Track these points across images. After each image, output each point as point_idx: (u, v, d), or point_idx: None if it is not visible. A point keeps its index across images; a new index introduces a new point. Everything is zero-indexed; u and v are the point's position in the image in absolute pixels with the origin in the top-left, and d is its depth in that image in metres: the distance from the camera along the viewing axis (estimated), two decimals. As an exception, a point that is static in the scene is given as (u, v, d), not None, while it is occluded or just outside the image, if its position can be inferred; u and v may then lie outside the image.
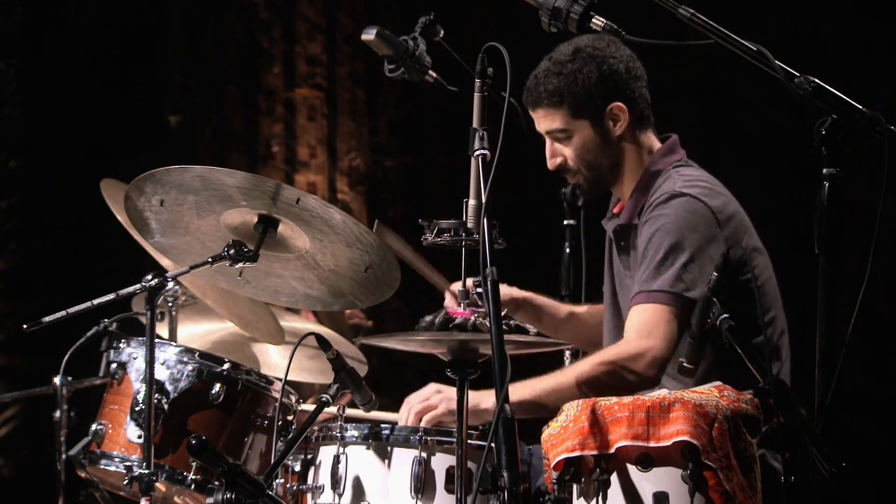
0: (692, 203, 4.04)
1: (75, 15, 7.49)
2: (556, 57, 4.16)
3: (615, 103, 4.16)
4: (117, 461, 4.18)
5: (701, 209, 4.03)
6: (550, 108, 4.16)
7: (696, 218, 4.01)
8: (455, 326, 3.47)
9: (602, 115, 4.16)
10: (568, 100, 4.14)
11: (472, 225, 3.47)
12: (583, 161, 4.20)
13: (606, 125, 4.17)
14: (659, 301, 3.96)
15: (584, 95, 4.14)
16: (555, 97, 4.14)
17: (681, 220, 4.01)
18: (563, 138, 4.19)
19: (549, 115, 4.17)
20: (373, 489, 3.77)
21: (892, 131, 3.08)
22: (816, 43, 6.46)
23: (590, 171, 4.21)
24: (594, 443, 3.36)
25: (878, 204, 3.13)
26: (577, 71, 4.13)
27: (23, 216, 7.43)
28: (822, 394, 3.12)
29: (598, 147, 4.18)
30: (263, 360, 5.01)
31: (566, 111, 4.15)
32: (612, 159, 4.20)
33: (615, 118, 4.17)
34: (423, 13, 3.62)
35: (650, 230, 4.04)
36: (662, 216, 4.03)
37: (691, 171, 4.18)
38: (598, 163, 4.19)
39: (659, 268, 3.98)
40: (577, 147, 4.18)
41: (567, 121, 4.17)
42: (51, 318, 4.02)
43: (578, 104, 4.14)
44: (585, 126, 4.17)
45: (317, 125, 7.87)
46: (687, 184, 4.10)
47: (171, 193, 3.99)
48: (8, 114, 7.40)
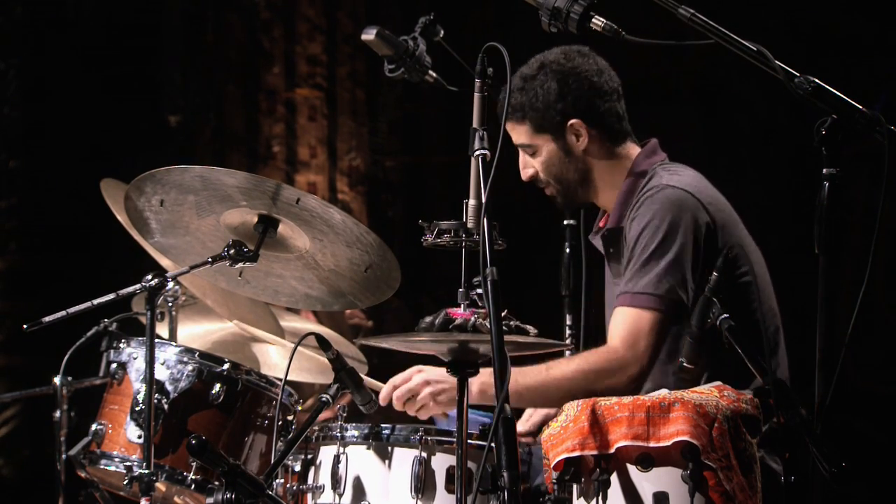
0: (679, 194, 4.04)
1: (75, 15, 7.49)
2: (524, 71, 4.19)
3: (574, 120, 4.16)
4: (117, 461, 4.18)
5: (689, 200, 4.03)
6: (515, 123, 4.19)
7: (683, 210, 4.01)
8: (455, 327, 3.46)
9: (563, 131, 4.18)
10: (529, 115, 4.16)
11: (472, 225, 3.47)
12: (549, 174, 4.22)
13: (569, 140, 4.19)
14: (643, 305, 3.97)
15: (542, 110, 4.15)
16: (518, 112, 4.17)
17: (668, 214, 4.00)
18: (530, 152, 4.22)
19: (514, 130, 4.20)
20: (373, 489, 3.77)
21: (892, 131, 3.07)
22: (816, 43, 6.46)
23: (558, 184, 4.24)
24: (594, 443, 3.36)
25: (878, 204, 3.13)
26: (538, 87, 4.15)
27: (23, 216, 7.43)
28: (822, 394, 3.11)
29: (562, 161, 4.20)
30: (263, 360, 5.01)
31: (528, 126, 4.18)
32: (580, 174, 4.21)
33: (577, 134, 4.18)
34: (423, 13, 3.62)
35: (638, 226, 4.04)
36: (650, 210, 4.03)
37: (677, 167, 4.19)
38: (564, 177, 4.22)
39: (644, 266, 3.98)
40: (542, 161, 4.21)
41: (530, 136, 4.19)
42: (51, 318, 4.02)
43: (539, 120, 4.16)
44: (548, 140, 4.19)
45: (317, 125, 7.87)
46: (673, 177, 4.10)
47: (171, 193, 3.99)
48: (8, 114, 7.41)
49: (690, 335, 3.41)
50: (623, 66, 4.32)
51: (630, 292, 4.00)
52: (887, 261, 5.95)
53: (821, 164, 3.12)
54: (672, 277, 3.95)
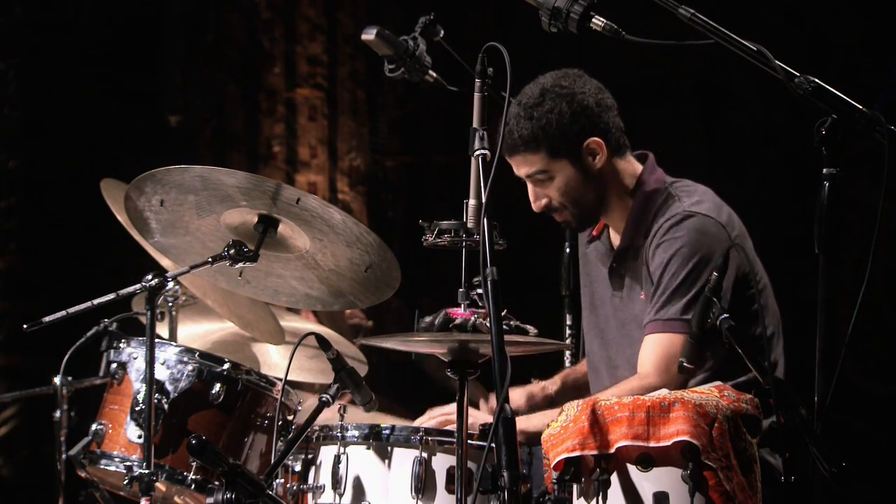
0: (705, 222, 4.06)
1: (75, 15, 7.48)
2: (525, 101, 4.13)
3: (591, 139, 4.15)
4: (117, 461, 4.18)
5: (713, 226, 4.05)
6: (528, 153, 4.14)
7: (710, 238, 4.03)
8: (455, 327, 3.46)
9: (580, 152, 4.15)
10: (544, 142, 4.11)
11: (473, 225, 3.47)
12: (568, 199, 4.19)
13: (586, 161, 4.16)
14: (674, 330, 3.98)
15: (559, 135, 4.11)
16: (531, 142, 4.11)
17: (696, 243, 4.02)
18: (545, 179, 4.17)
19: (527, 160, 4.15)
20: (373, 489, 3.77)
21: (892, 131, 3.08)
22: (816, 43, 6.46)
23: (576, 207, 4.21)
24: (594, 443, 3.36)
25: (878, 204, 3.13)
26: (548, 112, 4.10)
27: (23, 216, 7.42)
28: (822, 394, 3.12)
29: (580, 184, 4.17)
30: (263, 360, 5.01)
31: (544, 153, 4.13)
32: (597, 193, 4.20)
33: (593, 153, 4.16)
34: (423, 13, 3.62)
35: (665, 255, 4.05)
36: (677, 239, 4.05)
37: (690, 188, 4.19)
38: (583, 199, 4.19)
39: (674, 294, 3.99)
40: (559, 186, 4.17)
41: (546, 162, 4.15)
42: (51, 318, 4.02)
43: (555, 144, 4.12)
44: (565, 165, 4.15)
45: (317, 125, 7.87)
46: (694, 202, 4.11)
47: (171, 193, 3.99)
48: (8, 114, 7.40)
49: (691, 335, 3.42)
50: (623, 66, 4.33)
51: (660, 319, 4.02)
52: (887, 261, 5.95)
53: (821, 164, 3.12)
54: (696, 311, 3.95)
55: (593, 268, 4.36)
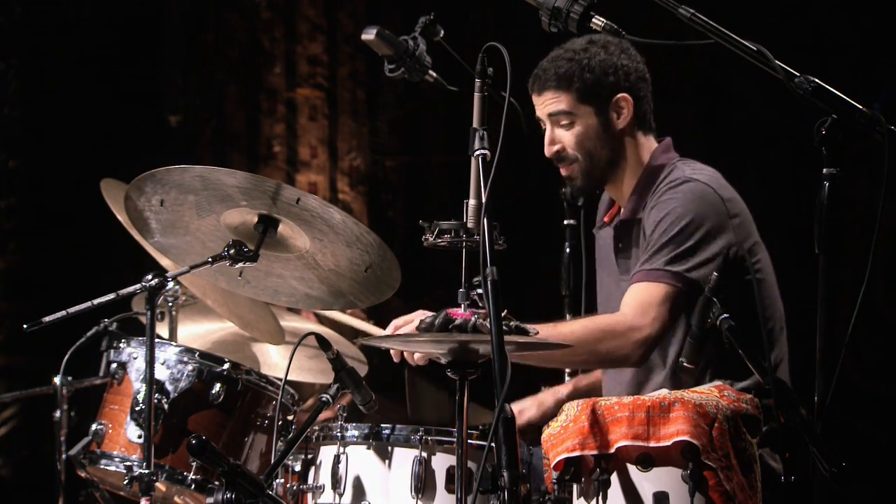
0: (703, 188, 4.06)
1: (75, 15, 7.49)
2: (570, 46, 4.20)
3: (621, 94, 4.19)
4: (117, 461, 4.18)
5: (711, 195, 4.05)
6: (559, 91, 4.18)
7: (705, 203, 4.03)
8: (455, 327, 3.46)
9: (607, 105, 4.19)
10: (576, 84, 4.17)
11: (473, 225, 3.46)
12: (582, 148, 4.20)
13: (610, 116, 4.20)
14: (658, 279, 3.97)
15: (592, 81, 4.17)
16: (563, 80, 4.17)
17: (690, 204, 4.02)
18: (566, 123, 4.20)
19: (555, 98, 4.19)
20: (373, 489, 3.77)
21: (892, 131, 3.08)
22: (816, 43, 6.46)
23: (587, 160, 4.21)
24: (594, 443, 3.37)
25: (878, 204, 3.13)
26: (590, 58, 4.17)
27: (23, 216, 7.42)
28: (822, 394, 3.12)
29: (598, 136, 4.20)
30: (263, 360, 5.02)
31: (573, 95, 4.18)
32: (612, 152, 4.21)
33: (619, 110, 4.20)
34: (423, 13, 3.62)
35: (659, 214, 4.05)
36: (672, 200, 4.05)
37: (696, 164, 4.21)
38: (596, 153, 4.21)
39: (662, 248, 3.99)
40: (577, 133, 4.20)
41: (573, 104, 4.19)
42: (51, 318, 4.02)
43: (586, 89, 4.17)
44: (589, 113, 4.19)
45: (318, 125, 7.87)
46: (696, 171, 4.12)
47: (171, 193, 3.99)
48: (8, 114, 7.40)
49: (690, 335, 3.41)
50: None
51: (644, 269, 4.00)
52: (887, 261, 5.95)
53: (821, 164, 3.12)
54: (690, 260, 3.95)
55: (604, 256, 4.35)
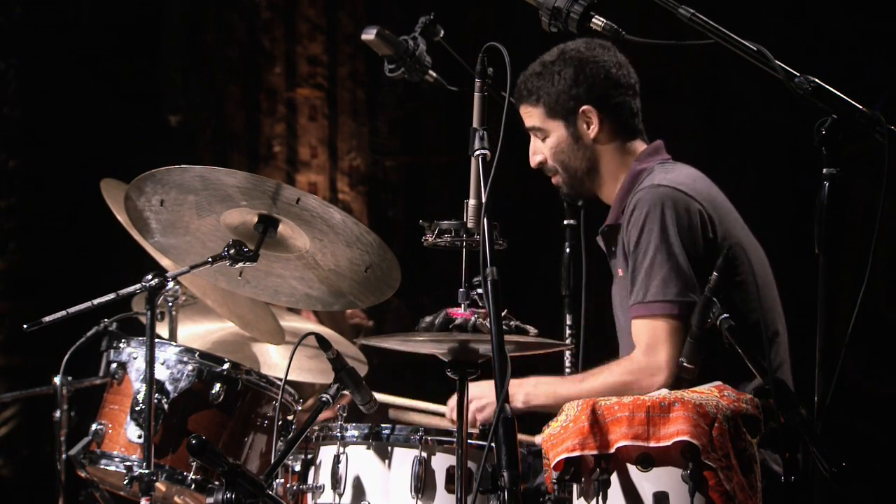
0: (667, 192, 4.04)
1: (75, 15, 7.48)
2: (544, 57, 4.25)
3: (585, 106, 4.20)
4: (117, 461, 4.18)
5: (676, 195, 4.04)
6: (529, 106, 4.25)
7: (678, 209, 4.02)
8: (455, 327, 3.46)
9: (575, 117, 4.22)
10: (543, 99, 4.22)
11: (473, 225, 3.47)
12: (558, 161, 4.27)
13: (580, 127, 4.23)
14: (657, 313, 3.98)
15: (556, 95, 4.21)
16: (532, 96, 4.24)
17: (664, 215, 4.01)
18: (541, 137, 4.27)
19: (528, 113, 4.26)
20: (373, 489, 3.77)
21: (892, 131, 3.08)
22: (816, 43, 6.46)
23: (565, 171, 4.27)
24: (594, 443, 3.36)
25: (878, 204, 3.13)
26: (556, 72, 4.21)
27: (23, 216, 7.42)
28: (822, 394, 3.11)
29: (570, 148, 4.24)
30: (263, 360, 5.01)
31: (542, 110, 4.24)
32: (587, 162, 4.25)
33: (587, 121, 4.22)
34: (423, 13, 3.62)
35: (635, 231, 4.05)
36: (641, 214, 4.04)
37: (674, 166, 4.20)
38: (571, 164, 4.26)
39: (649, 274, 3.99)
40: (551, 146, 4.26)
41: (542, 119, 4.25)
42: (51, 318, 4.02)
43: (552, 104, 4.22)
44: (559, 126, 4.24)
45: (318, 125, 7.87)
46: (668, 175, 4.11)
47: (171, 193, 3.99)
48: (8, 114, 7.40)
49: (690, 335, 3.41)
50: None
51: (641, 302, 4.02)
52: (887, 261, 5.95)
53: (821, 164, 3.12)
54: (678, 279, 3.95)
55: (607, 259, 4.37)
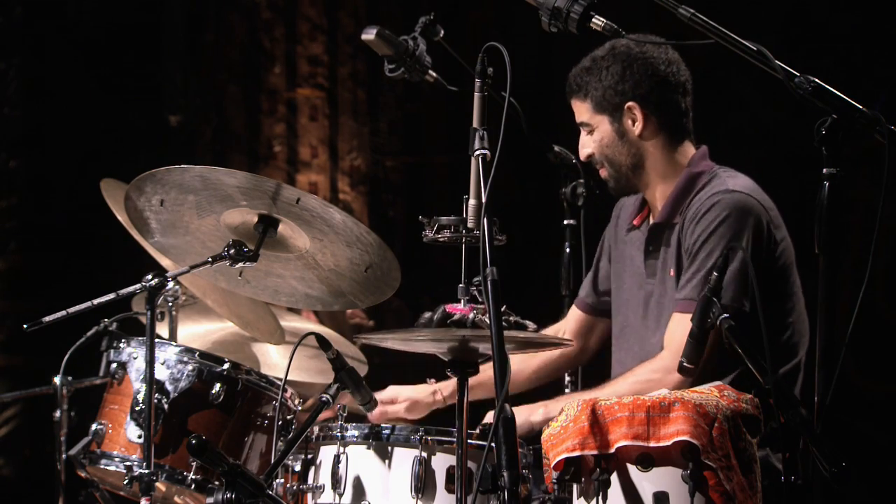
0: (745, 199, 4.10)
1: (75, 15, 7.48)
2: (595, 52, 4.29)
3: (631, 102, 4.21)
4: (117, 461, 4.18)
5: (754, 205, 4.09)
6: (578, 100, 4.29)
7: (748, 216, 4.07)
8: (454, 323, 3.46)
9: (620, 113, 4.24)
10: (591, 94, 4.25)
11: (473, 224, 3.47)
12: (603, 156, 4.29)
13: (625, 123, 4.25)
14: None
15: (603, 92, 4.23)
16: (581, 90, 4.27)
17: (733, 220, 4.05)
18: (589, 131, 4.30)
19: (577, 107, 4.30)
20: (373, 489, 3.77)
21: (892, 131, 3.08)
22: (816, 43, 6.46)
23: (611, 167, 4.30)
24: (594, 442, 3.36)
25: (878, 204, 3.13)
26: (604, 68, 4.24)
27: (23, 216, 7.42)
28: (822, 394, 3.11)
29: (615, 144, 4.26)
30: (263, 360, 5.01)
31: (590, 105, 4.27)
32: (633, 159, 4.26)
33: (633, 118, 4.23)
34: (423, 13, 3.62)
35: (702, 231, 4.08)
36: (716, 216, 4.07)
37: (737, 173, 4.24)
38: (617, 160, 4.28)
39: (708, 276, 3.98)
40: (597, 141, 4.29)
41: (590, 114, 4.28)
42: (51, 318, 4.02)
43: (599, 99, 4.24)
44: (605, 122, 4.26)
45: (318, 125, 7.87)
46: (737, 182, 4.16)
47: (171, 193, 3.99)
48: (8, 114, 7.40)
49: (691, 335, 3.41)
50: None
51: (687, 298, 4.03)
52: (887, 261, 5.94)
53: (821, 164, 3.12)
54: (736, 286, 3.95)
55: (629, 257, 4.35)
